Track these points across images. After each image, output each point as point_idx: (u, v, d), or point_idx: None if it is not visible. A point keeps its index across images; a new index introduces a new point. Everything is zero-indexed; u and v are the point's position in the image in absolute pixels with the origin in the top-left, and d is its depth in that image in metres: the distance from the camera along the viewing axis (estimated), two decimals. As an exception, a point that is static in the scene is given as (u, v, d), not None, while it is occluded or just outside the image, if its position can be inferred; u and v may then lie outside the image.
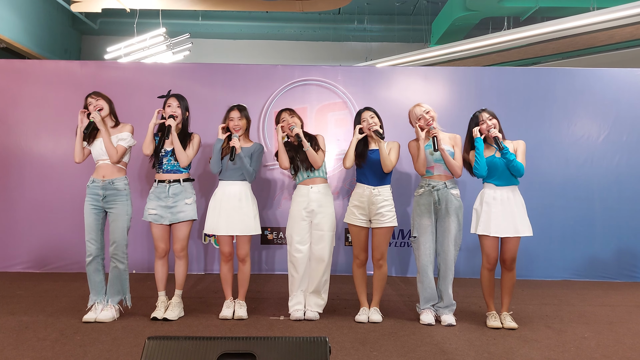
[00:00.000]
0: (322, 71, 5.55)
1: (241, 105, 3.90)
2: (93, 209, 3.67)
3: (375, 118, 3.77)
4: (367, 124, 3.73)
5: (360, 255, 3.80)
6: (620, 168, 5.37)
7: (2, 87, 5.41)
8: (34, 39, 10.81)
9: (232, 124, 3.78)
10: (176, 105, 3.74)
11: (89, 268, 3.67)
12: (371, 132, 3.69)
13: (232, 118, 3.80)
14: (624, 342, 3.32)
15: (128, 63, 6.79)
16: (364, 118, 3.76)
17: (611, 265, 5.33)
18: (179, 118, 3.72)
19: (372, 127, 3.68)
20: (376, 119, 3.77)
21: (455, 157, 3.73)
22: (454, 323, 3.64)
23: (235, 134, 3.71)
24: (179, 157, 3.70)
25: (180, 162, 3.71)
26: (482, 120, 3.64)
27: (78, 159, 3.72)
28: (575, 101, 5.43)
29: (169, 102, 3.76)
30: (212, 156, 3.79)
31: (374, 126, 3.68)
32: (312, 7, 10.61)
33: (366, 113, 3.77)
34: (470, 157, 3.71)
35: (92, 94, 3.71)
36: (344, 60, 13.69)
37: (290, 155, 3.83)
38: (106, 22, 13.02)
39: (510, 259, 3.61)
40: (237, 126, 3.78)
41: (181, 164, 3.72)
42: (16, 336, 3.24)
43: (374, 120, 3.75)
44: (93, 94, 3.71)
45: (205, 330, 3.48)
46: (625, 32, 8.91)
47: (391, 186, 3.80)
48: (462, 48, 10.54)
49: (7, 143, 5.37)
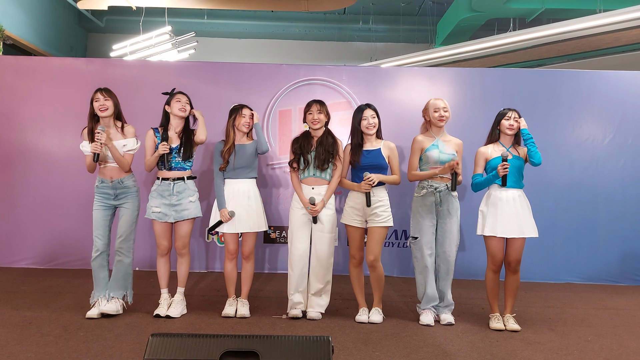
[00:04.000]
0: (326, 71, 5.55)
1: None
2: (102, 205, 3.69)
3: (376, 118, 3.77)
4: (368, 123, 3.72)
5: (357, 255, 3.81)
6: (625, 171, 5.34)
7: (8, 83, 5.43)
8: (41, 36, 10.86)
9: (243, 121, 3.82)
10: (185, 101, 3.76)
11: (94, 263, 3.68)
12: (367, 187, 3.64)
13: (244, 115, 3.84)
14: (627, 345, 3.30)
15: (133, 61, 6.80)
16: (365, 116, 3.75)
17: (615, 269, 5.30)
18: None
19: (371, 182, 3.62)
20: (376, 119, 3.77)
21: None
22: (453, 322, 3.65)
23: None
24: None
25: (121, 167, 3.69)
26: (508, 117, 3.66)
27: (92, 172, 3.72)
28: (581, 103, 5.41)
29: (178, 97, 3.76)
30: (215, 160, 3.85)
31: (371, 180, 3.62)
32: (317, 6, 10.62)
33: (368, 111, 3.75)
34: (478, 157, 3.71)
35: (103, 91, 3.67)
36: (349, 60, 13.69)
37: (302, 144, 3.80)
38: (112, 20, 13.06)
39: (515, 261, 3.61)
40: (247, 124, 3.82)
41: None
42: (20, 331, 3.25)
43: (375, 120, 3.75)
44: (104, 91, 3.67)
45: (207, 328, 3.48)
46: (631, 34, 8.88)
47: (387, 187, 3.80)
48: (468, 49, 10.52)
49: (13, 139, 5.39)
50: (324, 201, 3.73)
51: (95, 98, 3.65)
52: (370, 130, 3.75)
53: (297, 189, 3.79)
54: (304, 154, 3.77)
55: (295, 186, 3.81)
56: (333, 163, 3.76)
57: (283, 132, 5.43)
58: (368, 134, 3.76)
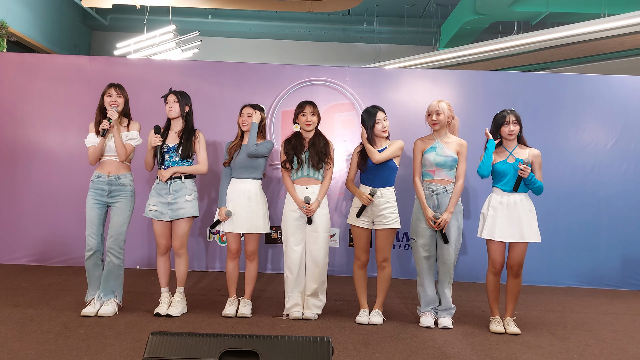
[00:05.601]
0: (330, 72, 5.55)
1: (256, 104, 3.96)
2: (96, 203, 3.68)
3: (387, 120, 3.77)
4: (382, 126, 3.71)
5: (362, 256, 3.80)
6: (627, 176, 5.33)
7: (12, 80, 5.44)
8: (45, 33, 10.88)
9: (241, 120, 3.85)
10: (173, 101, 3.75)
11: (88, 262, 3.68)
12: (367, 202, 3.66)
13: (242, 114, 3.87)
14: (627, 350, 3.30)
15: (137, 59, 6.81)
16: (378, 119, 3.72)
17: (616, 273, 5.29)
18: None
19: (371, 200, 3.66)
20: (388, 121, 3.77)
21: (458, 165, 3.72)
22: (450, 326, 3.64)
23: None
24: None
25: (119, 155, 3.66)
26: (507, 122, 3.61)
27: (94, 162, 3.72)
28: (584, 108, 5.40)
29: (167, 99, 3.77)
30: None
31: (369, 198, 3.64)
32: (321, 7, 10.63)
33: (380, 114, 3.74)
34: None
35: (116, 87, 3.69)
36: (353, 62, 13.69)
37: (294, 145, 3.80)
38: (116, 19, 13.09)
39: (516, 265, 3.60)
40: (244, 122, 3.83)
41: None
42: (20, 329, 3.26)
43: (387, 122, 3.75)
44: (117, 87, 3.69)
45: (207, 327, 3.48)
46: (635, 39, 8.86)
47: (395, 188, 3.80)
48: (471, 52, 10.51)
49: (16, 136, 5.40)
50: (319, 201, 3.73)
51: (108, 93, 3.67)
52: (385, 133, 3.75)
53: (290, 190, 3.78)
54: (298, 154, 3.77)
55: (288, 187, 3.80)
56: (326, 162, 3.78)
57: (286, 132, 5.42)
58: (382, 137, 3.76)
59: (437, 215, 3.59)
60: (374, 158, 3.64)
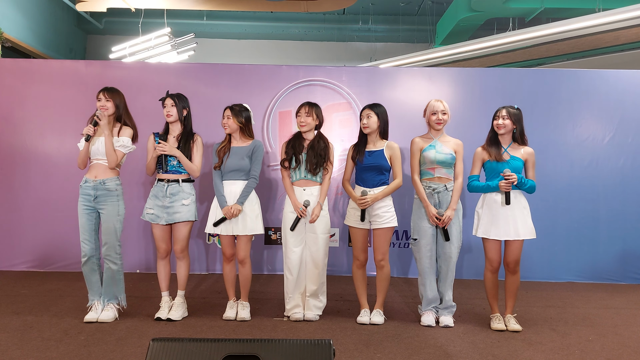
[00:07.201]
0: (326, 71, 5.54)
1: (235, 105, 3.85)
2: (85, 209, 3.67)
3: (372, 117, 3.73)
4: (362, 123, 3.75)
5: (360, 256, 3.80)
6: (625, 170, 5.34)
7: (8, 86, 5.42)
8: (40, 38, 10.85)
9: (222, 122, 3.80)
10: (170, 105, 3.72)
11: (84, 268, 3.66)
12: (363, 206, 3.66)
13: (223, 116, 3.82)
14: (628, 345, 3.30)
15: (133, 63, 6.80)
16: (361, 116, 3.79)
17: (616, 268, 5.30)
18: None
19: (367, 204, 3.65)
20: (373, 118, 3.74)
21: (456, 164, 3.73)
22: (450, 325, 3.64)
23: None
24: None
25: (109, 162, 3.61)
26: (497, 116, 3.63)
27: (82, 166, 3.72)
28: (580, 103, 5.40)
29: (165, 103, 3.75)
30: None
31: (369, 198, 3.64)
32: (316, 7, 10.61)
33: (364, 111, 3.78)
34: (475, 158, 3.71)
35: (106, 92, 3.65)
36: (349, 61, 13.68)
37: (294, 145, 3.81)
38: (111, 22, 13.05)
39: (513, 262, 3.60)
40: (224, 124, 3.79)
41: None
42: (20, 336, 3.25)
43: (369, 120, 3.74)
44: (107, 91, 3.66)
45: (208, 331, 3.48)
46: (631, 33, 8.86)
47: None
48: (467, 49, 10.51)
49: (13, 142, 5.39)
50: (320, 204, 3.72)
51: (98, 97, 3.66)
52: (365, 130, 3.75)
53: (288, 191, 3.78)
54: (296, 153, 3.77)
55: (287, 187, 3.80)
56: (324, 167, 3.76)
57: (283, 133, 5.42)
58: (364, 133, 3.78)
59: (441, 212, 3.60)
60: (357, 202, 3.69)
